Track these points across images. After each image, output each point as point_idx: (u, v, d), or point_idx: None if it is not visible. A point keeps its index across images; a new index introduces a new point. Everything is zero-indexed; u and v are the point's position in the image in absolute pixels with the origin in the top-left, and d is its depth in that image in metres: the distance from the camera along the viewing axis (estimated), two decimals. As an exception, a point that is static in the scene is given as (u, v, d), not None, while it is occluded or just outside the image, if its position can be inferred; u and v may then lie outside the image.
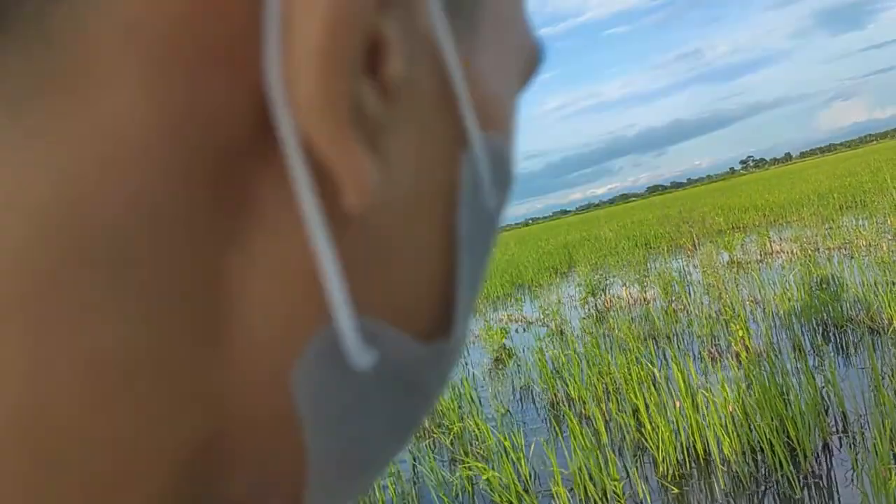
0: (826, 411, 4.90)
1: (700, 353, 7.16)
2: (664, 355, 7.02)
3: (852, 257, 10.24)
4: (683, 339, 8.10)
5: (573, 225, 63.54)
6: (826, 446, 4.45)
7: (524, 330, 10.12)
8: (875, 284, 7.61)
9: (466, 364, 9.35)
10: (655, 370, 5.76)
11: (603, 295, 12.12)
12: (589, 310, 11.58)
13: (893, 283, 7.37)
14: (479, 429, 5.77)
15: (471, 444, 5.82)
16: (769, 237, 14.65)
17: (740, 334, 7.01)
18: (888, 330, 6.35)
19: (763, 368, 5.42)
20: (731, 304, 8.61)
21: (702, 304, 9.49)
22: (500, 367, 8.85)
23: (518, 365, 8.42)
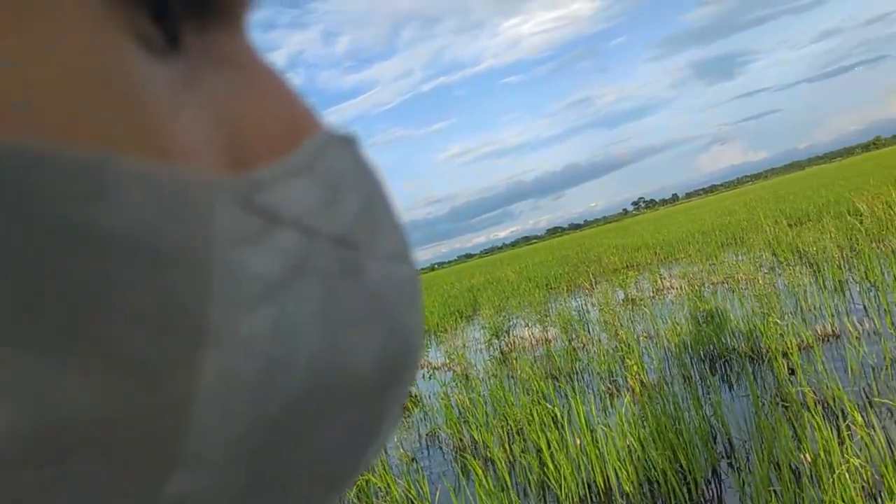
0: (714, 438, 5.16)
1: (599, 389, 7.38)
2: (565, 393, 7.20)
3: (733, 291, 10.91)
4: (583, 377, 8.34)
5: (477, 268, 64.46)
6: (715, 472, 4.68)
7: (430, 376, 10.13)
8: (753, 315, 8.14)
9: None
10: (556, 409, 5.90)
11: (506, 336, 12.33)
12: (493, 352, 11.74)
13: (768, 315, 7.90)
14: (383, 480, 5.70)
15: (376, 497, 5.74)
16: (660, 274, 15.39)
17: (635, 369, 7.31)
18: (765, 358, 6.77)
19: (656, 400, 5.66)
20: (627, 339, 8.96)
21: (600, 341, 9.82)
22: (406, 414, 8.80)
23: (424, 411, 8.39)
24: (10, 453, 0.14)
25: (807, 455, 4.05)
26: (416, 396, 9.30)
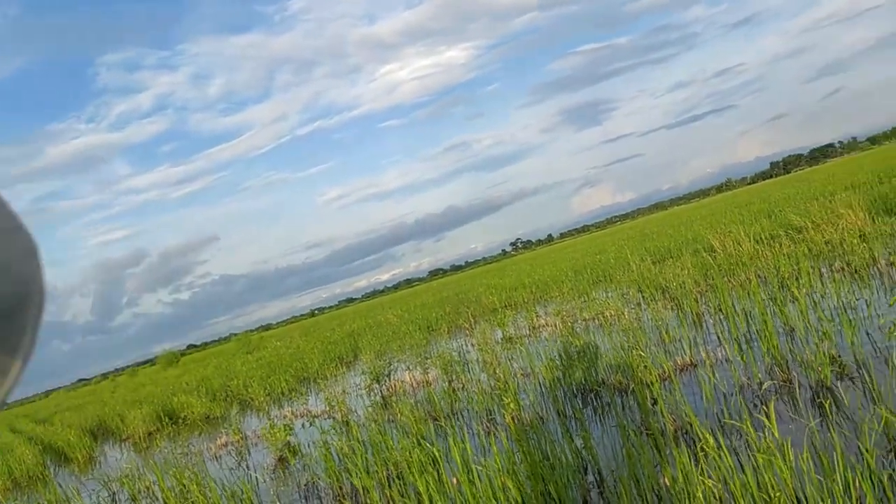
0: (585, 470, 5.34)
1: (477, 428, 7.46)
2: (445, 434, 7.22)
3: (603, 326, 11.44)
4: (462, 416, 8.41)
5: (359, 312, 63.85)
6: (585, 502, 4.83)
7: (309, 424, 9.87)
8: (621, 349, 8.55)
9: (247, 468, 8.89)
10: (435, 450, 5.90)
11: (387, 380, 12.26)
12: (374, 396, 11.63)
13: (634, 348, 8.33)
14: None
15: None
16: (536, 312, 15.87)
17: (511, 406, 7.46)
18: (631, 390, 7.12)
19: (531, 436, 5.80)
20: (504, 378, 9.15)
21: (479, 380, 9.97)
22: (285, 465, 8.52)
23: (303, 461, 8.16)
24: None
25: (666, 479, 4.28)
26: (294, 446, 9.02)
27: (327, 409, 11.12)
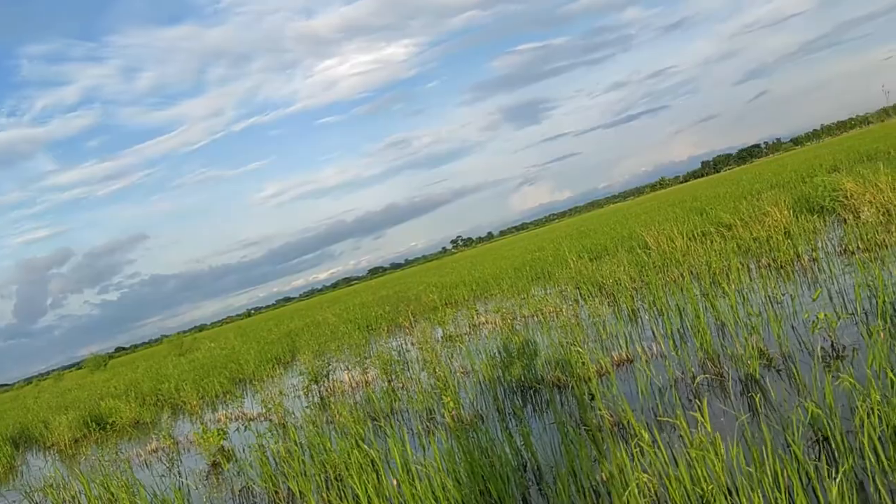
0: (524, 467, 5.35)
1: (417, 428, 7.41)
2: (385, 435, 7.14)
3: (542, 323, 11.54)
4: (402, 416, 8.34)
5: (297, 312, 62.98)
6: (525, 499, 4.83)
7: (245, 428, 9.62)
8: (560, 346, 8.63)
9: (179, 474, 8.61)
10: (374, 452, 5.82)
11: (326, 381, 12.08)
12: (312, 398, 11.44)
13: (572, 344, 8.42)
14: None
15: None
16: (476, 310, 15.92)
17: (451, 405, 7.43)
18: (570, 386, 7.18)
19: (470, 435, 5.78)
20: (444, 376, 9.12)
21: (419, 379, 9.91)
22: (219, 471, 8.28)
23: (238, 466, 7.94)
24: None
25: (603, 474, 4.31)
26: (228, 451, 8.78)
27: (264, 411, 10.87)
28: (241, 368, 18.51)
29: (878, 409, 3.87)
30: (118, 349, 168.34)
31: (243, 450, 8.70)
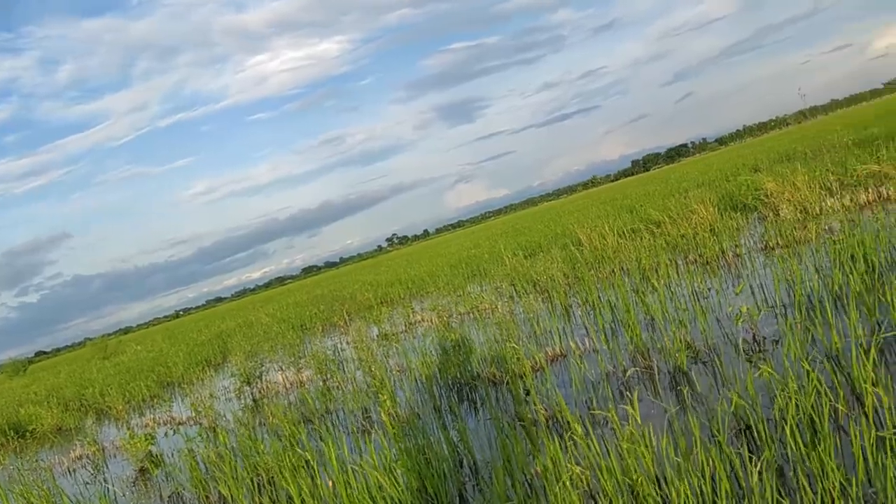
0: (461, 463, 5.37)
1: (352, 427, 7.34)
2: (320, 435, 7.05)
3: (477, 320, 11.62)
4: (338, 416, 8.25)
5: (228, 312, 61.62)
6: (461, 495, 4.85)
7: (174, 432, 9.34)
8: (495, 342, 8.70)
9: (104, 481, 8.30)
10: (308, 453, 5.73)
11: (259, 382, 11.85)
12: (244, 400, 11.21)
13: (507, 341, 8.50)
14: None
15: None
16: (412, 308, 15.89)
17: (388, 404, 7.39)
18: (505, 382, 7.25)
19: (407, 433, 5.76)
20: (380, 375, 9.07)
21: (354, 379, 9.83)
22: (146, 477, 8.02)
23: (167, 471, 7.71)
24: None
25: (538, 468, 4.36)
26: (156, 456, 8.51)
27: (193, 415, 10.58)
28: (169, 371, 17.98)
29: (795, 398, 4.04)
30: (39, 353, 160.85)
31: (172, 454, 8.45)
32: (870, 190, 12.07)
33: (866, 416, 3.96)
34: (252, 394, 11.51)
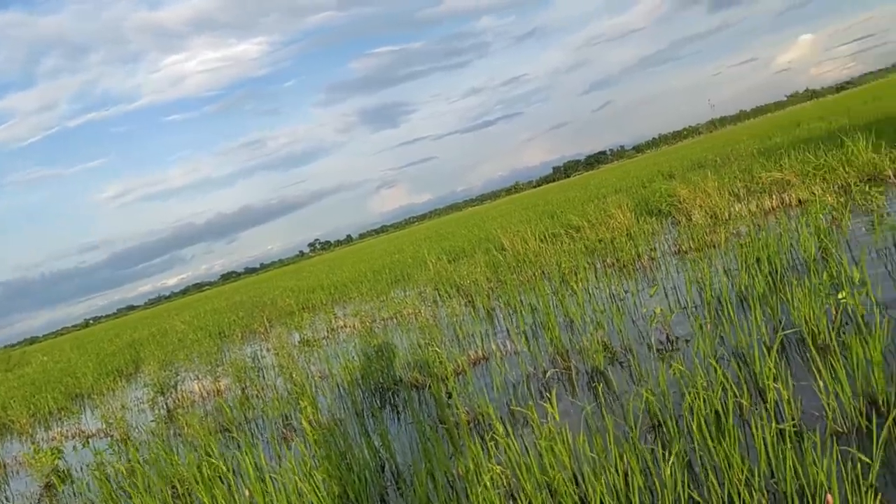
0: (383, 468, 5.33)
1: (272, 435, 7.19)
2: (238, 444, 6.87)
3: (401, 325, 11.60)
4: (257, 424, 8.07)
5: (142, 320, 59.35)
6: (383, 500, 4.82)
7: (83, 446, 8.91)
8: (418, 346, 8.70)
9: (6, 500, 7.83)
10: (223, 463, 5.58)
11: (174, 392, 11.45)
12: (159, 410, 10.80)
13: (430, 344, 8.51)
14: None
15: None
16: (334, 314, 15.71)
17: (309, 410, 7.29)
18: (428, 385, 7.26)
19: (329, 439, 5.68)
20: (301, 382, 8.93)
21: (275, 386, 9.63)
22: (52, 493, 7.61)
23: (75, 487, 7.34)
24: None
25: (460, 469, 4.38)
26: (63, 471, 8.09)
27: (104, 427, 10.13)
28: (78, 383, 17.13)
29: (704, 395, 4.21)
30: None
31: (81, 469, 8.06)
32: (773, 196, 12.72)
33: (768, 411, 4.16)
34: (167, 404, 11.11)
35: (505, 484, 4.18)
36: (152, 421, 9.84)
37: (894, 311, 5.34)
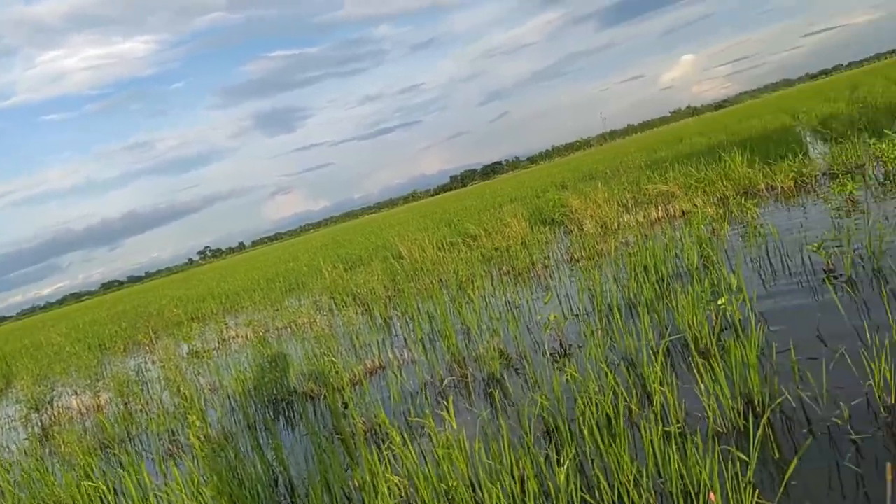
0: (276, 482, 5.18)
1: (157, 451, 6.84)
2: (120, 462, 6.49)
3: (295, 335, 11.35)
4: (141, 441, 7.66)
5: (12, 333, 55.18)
6: (277, 517, 4.67)
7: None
8: (313, 356, 8.53)
9: None
10: (102, 483, 5.25)
11: (49, 409, 10.70)
12: (32, 428, 10.05)
13: (326, 354, 8.37)
14: None
15: None
16: (226, 324, 15.18)
17: (197, 425, 6.98)
18: (323, 396, 7.12)
19: (219, 454, 5.46)
20: (190, 395, 8.56)
21: (160, 400, 9.18)
22: None
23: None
24: None
25: (356, 481, 4.31)
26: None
27: (-32, 448, 9.31)
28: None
29: (595, 399, 4.34)
30: None
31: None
32: (659, 207, 13.37)
33: (655, 413, 4.34)
34: (41, 421, 10.36)
35: (403, 494, 4.15)
36: (25, 439, 9.16)
37: (767, 315, 5.72)
